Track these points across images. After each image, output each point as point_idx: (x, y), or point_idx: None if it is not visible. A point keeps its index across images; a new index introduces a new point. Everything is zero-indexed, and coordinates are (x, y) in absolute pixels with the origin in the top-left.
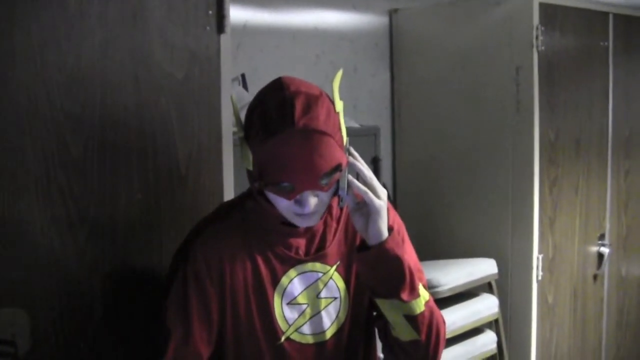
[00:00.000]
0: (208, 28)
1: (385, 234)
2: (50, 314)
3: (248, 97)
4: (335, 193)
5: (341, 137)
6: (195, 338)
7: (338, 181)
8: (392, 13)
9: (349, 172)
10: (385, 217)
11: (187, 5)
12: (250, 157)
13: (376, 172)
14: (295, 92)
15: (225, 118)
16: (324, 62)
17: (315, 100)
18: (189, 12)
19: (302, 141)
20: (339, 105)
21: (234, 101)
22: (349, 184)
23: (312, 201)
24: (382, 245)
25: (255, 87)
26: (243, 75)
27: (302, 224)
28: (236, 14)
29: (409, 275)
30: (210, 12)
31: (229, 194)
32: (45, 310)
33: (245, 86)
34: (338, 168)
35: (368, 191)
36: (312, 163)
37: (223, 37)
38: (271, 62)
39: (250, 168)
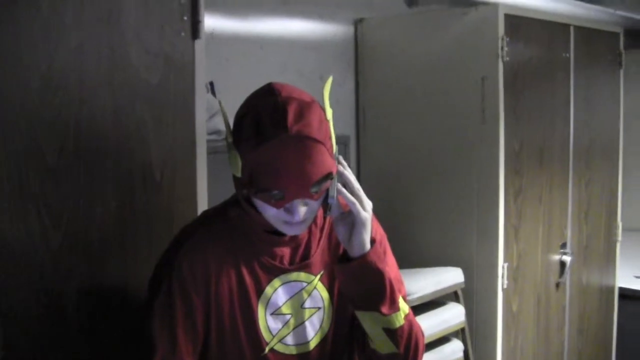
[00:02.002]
0: (183, 34)
1: (368, 246)
2: (24, 323)
3: (217, 104)
4: (325, 201)
5: (331, 145)
6: (181, 351)
7: (327, 190)
8: (357, 23)
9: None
10: (369, 229)
11: (162, 10)
12: (240, 163)
13: None
14: (288, 97)
15: (199, 124)
16: (290, 71)
17: (307, 106)
18: (164, 17)
19: (295, 148)
20: (329, 113)
21: (222, 107)
22: (338, 193)
23: (302, 210)
24: (364, 257)
25: (222, 95)
26: (211, 83)
27: (289, 231)
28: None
29: (389, 288)
30: (185, 17)
31: (202, 201)
32: (18, 319)
33: (213, 94)
34: (329, 176)
35: (356, 202)
36: (303, 171)
37: (198, 42)
38: (238, 70)
39: (239, 174)
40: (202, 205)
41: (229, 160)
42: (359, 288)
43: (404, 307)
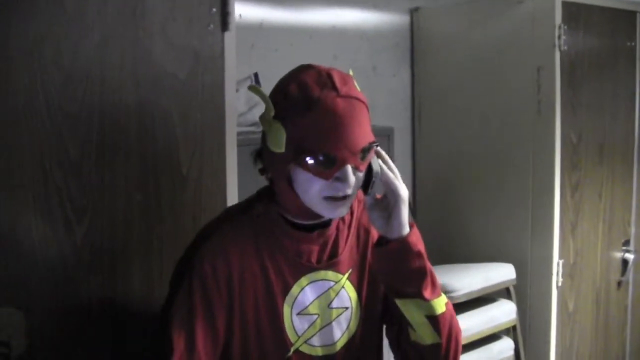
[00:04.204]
0: (212, 26)
1: (407, 227)
2: (47, 315)
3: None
4: (366, 178)
5: (369, 117)
6: (199, 351)
7: (370, 165)
8: (413, 12)
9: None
10: (407, 210)
11: (189, 3)
12: (284, 137)
13: None
14: (328, 68)
15: (230, 118)
16: (341, 62)
17: (347, 75)
18: (192, 9)
19: (345, 109)
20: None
21: (257, 88)
22: (379, 169)
23: (352, 179)
24: (404, 238)
25: (270, 86)
26: (256, 74)
27: (332, 212)
28: (252, 13)
29: (429, 271)
30: (214, 9)
31: (232, 195)
32: (41, 311)
33: (258, 85)
34: (373, 144)
35: (396, 179)
36: (353, 133)
37: (227, 35)
38: (287, 61)
39: (283, 149)
40: (232, 199)
41: (269, 139)
42: (399, 271)
43: (443, 296)
